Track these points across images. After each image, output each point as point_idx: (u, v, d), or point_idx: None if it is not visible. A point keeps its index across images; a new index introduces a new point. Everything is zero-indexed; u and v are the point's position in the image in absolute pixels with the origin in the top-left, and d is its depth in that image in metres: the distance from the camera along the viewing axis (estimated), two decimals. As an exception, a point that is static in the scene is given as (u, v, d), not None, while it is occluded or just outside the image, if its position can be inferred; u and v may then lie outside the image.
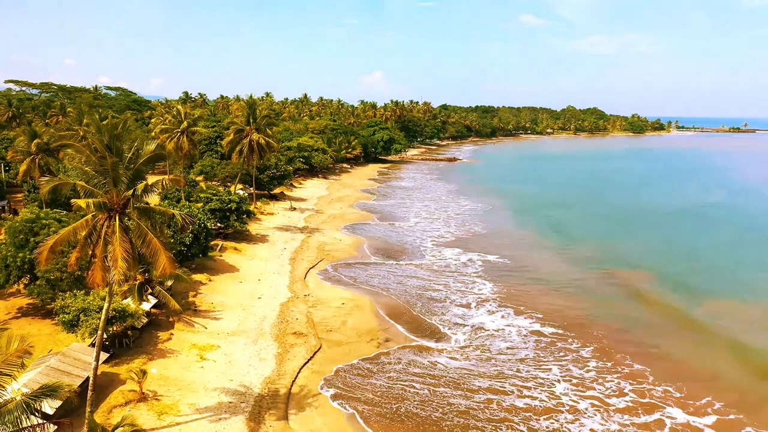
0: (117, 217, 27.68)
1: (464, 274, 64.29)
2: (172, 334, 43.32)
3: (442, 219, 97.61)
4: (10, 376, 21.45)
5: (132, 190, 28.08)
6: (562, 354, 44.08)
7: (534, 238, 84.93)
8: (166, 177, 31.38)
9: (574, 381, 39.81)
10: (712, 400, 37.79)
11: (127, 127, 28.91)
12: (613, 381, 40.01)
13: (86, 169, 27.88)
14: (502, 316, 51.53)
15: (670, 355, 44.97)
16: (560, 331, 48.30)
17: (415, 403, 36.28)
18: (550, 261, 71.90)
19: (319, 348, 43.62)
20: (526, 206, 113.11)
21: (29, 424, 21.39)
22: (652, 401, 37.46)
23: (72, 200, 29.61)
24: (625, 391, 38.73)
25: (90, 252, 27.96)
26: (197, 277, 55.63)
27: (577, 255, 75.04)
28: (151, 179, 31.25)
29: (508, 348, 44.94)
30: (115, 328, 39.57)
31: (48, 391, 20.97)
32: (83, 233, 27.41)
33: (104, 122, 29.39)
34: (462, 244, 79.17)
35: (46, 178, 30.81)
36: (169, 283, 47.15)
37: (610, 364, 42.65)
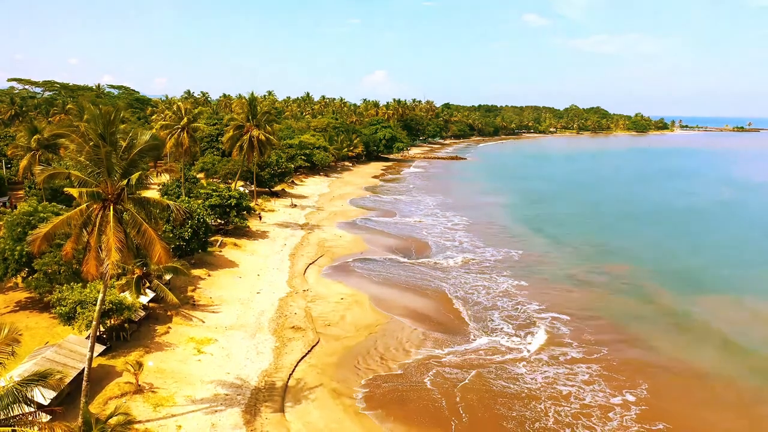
0: (111, 207, 27.58)
1: (464, 272, 64.08)
2: (169, 327, 43.23)
3: (442, 216, 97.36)
4: (1, 364, 21.38)
5: (126, 180, 27.96)
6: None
7: (533, 236, 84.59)
8: (161, 168, 31.24)
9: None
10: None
11: (120, 117, 28.68)
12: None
13: (80, 159, 27.79)
14: (508, 314, 51.36)
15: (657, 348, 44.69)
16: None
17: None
18: (553, 256, 71.63)
19: (317, 342, 43.47)
20: (526, 203, 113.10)
21: (21, 412, 21.33)
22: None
23: (65, 189, 29.47)
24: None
25: (85, 242, 27.88)
26: (196, 272, 55.54)
27: (575, 252, 74.79)
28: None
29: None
30: (112, 321, 39.52)
31: (37, 378, 20.84)
32: (77, 223, 27.33)
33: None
34: (461, 240, 78.93)
35: (41, 167, 30.76)
36: (168, 277, 47.13)
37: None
